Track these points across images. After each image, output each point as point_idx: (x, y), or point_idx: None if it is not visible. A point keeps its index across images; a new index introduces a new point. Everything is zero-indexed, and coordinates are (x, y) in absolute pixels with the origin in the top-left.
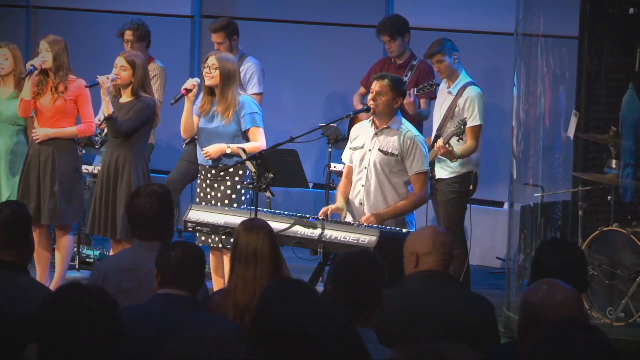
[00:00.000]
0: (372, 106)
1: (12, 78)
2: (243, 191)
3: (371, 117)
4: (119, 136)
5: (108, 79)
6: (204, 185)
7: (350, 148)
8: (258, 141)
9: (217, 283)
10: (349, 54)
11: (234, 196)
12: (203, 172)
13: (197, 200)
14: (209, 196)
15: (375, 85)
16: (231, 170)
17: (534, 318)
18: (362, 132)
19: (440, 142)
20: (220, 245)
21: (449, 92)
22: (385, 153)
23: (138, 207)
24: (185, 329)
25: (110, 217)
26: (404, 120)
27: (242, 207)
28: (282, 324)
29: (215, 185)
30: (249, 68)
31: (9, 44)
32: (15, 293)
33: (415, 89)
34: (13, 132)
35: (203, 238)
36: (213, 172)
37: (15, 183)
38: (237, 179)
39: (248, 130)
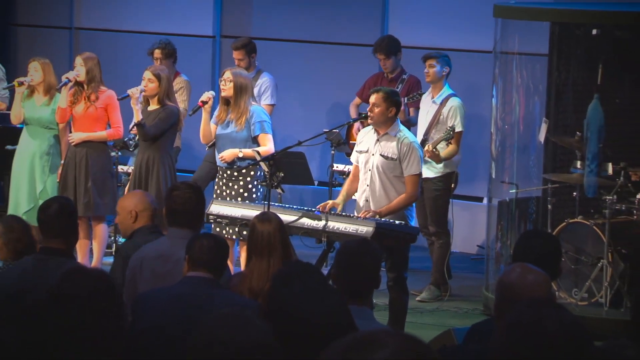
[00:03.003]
0: (369, 116)
1: (43, 87)
2: (255, 189)
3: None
4: (147, 139)
5: (137, 90)
6: (220, 183)
7: (356, 151)
8: (267, 146)
9: None
10: (349, 68)
11: (246, 194)
12: (220, 173)
13: (214, 196)
14: (224, 193)
15: (372, 98)
16: (244, 171)
17: (508, 297)
18: (367, 137)
19: (428, 147)
20: (234, 237)
21: (434, 102)
22: (386, 158)
23: (178, 199)
24: (211, 305)
25: None
26: (402, 127)
27: (257, 202)
28: (283, 307)
29: (230, 184)
30: (264, 82)
31: (40, 59)
32: None
33: (405, 98)
34: (45, 135)
35: (217, 229)
36: (228, 172)
37: (50, 179)
38: (248, 179)
39: (258, 136)
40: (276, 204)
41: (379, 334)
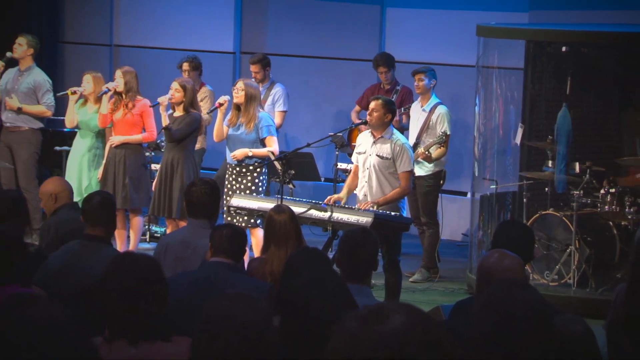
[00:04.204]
0: (368, 120)
1: (93, 97)
2: (260, 184)
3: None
4: (172, 141)
5: (166, 98)
6: (230, 178)
7: (356, 153)
8: (272, 147)
9: None
10: (350, 80)
11: (253, 188)
12: (229, 169)
13: (226, 190)
14: (234, 187)
15: (372, 104)
16: (251, 167)
17: (487, 279)
18: (364, 140)
19: (421, 149)
20: (242, 224)
21: (423, 110)
22: (381, 157)
23: (195, 194)
24: (229, 285)
25: (167, 201)
26: (395, 131)
27: (264, 195)
28: (292, 296)
29: (239, 179)
30: (277, 92)
31: (92, 72)
32: (104, 260)
33: (402, 109)
34: (93, 137)
35: (229, 219)
36: (237, 169)
37: (94, 176)
38: (255, 174)
39: (265, 138)
40: (288, 197)
41: (390, 305)
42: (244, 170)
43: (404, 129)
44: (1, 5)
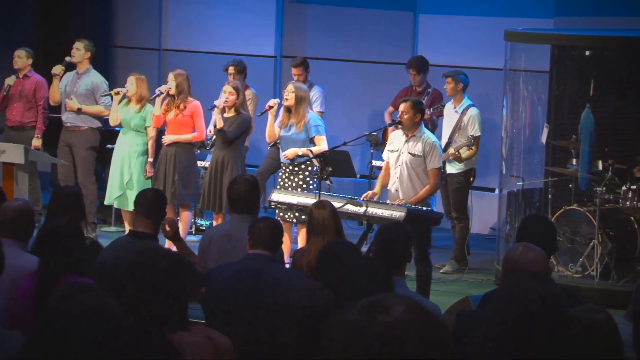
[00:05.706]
0: (400, 120)
1: (135, 98)
2: (311, 182)
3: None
4: (225, 142)
5: (221, 102)
6: (284, 176)
7: (388, 150)
8: (321, 145)
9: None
10: (385, 82)
11: (304, 185)
12: (283, 168)
13: (278, 187)
14: (286, 185)
15: (402, 106)
16: (303, 166)
17: (512, 270)
18: (397, 139)
19: (451, 150)
20: (294, 220)
21: (456, 112)
22: (413, 155)
23: (236, 190)
24: (268, 276)
25: (218, 197)
26: (425, 129)
27: (310, 192)
28: (326, 280)
29: (292, 177)
30: (315, 93)
31: (136, 74)
32: None
33: (431, 109)
34: (135, 136)
35: (281, 214)
36: (290, 167)
37: (135, 171)
38: (307, 173)
39: (314, 137)
40: (326, 193)
41: (391, 297)
42: (295, 169)
43: (435, 126)
44: (59, 13)
